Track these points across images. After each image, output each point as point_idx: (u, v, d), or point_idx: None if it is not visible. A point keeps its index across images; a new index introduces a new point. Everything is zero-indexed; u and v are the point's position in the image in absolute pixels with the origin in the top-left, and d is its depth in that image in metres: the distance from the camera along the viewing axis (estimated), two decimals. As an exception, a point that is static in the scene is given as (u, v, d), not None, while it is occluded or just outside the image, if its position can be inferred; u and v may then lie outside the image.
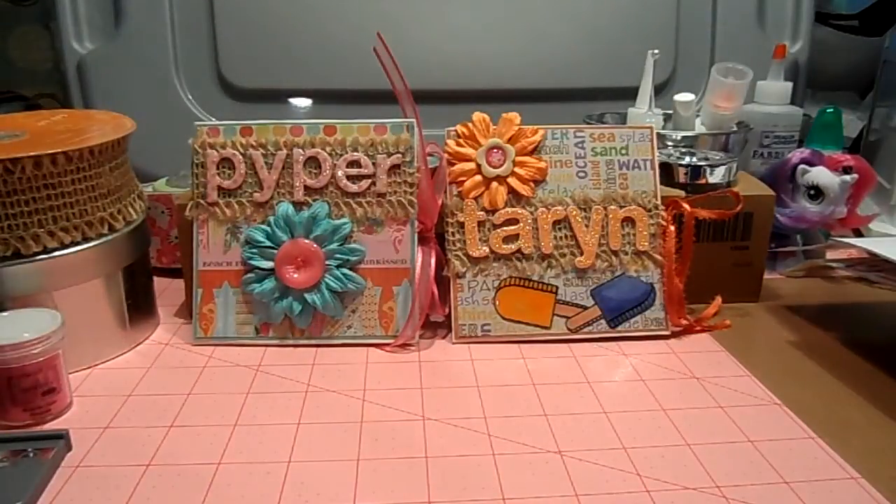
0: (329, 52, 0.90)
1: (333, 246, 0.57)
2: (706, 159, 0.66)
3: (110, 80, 0.89)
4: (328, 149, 0.57)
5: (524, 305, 0.58)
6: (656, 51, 0.75)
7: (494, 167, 0.59)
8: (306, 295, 0.56)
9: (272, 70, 0.90)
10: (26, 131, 0.55)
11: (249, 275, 0.57)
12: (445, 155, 0.59)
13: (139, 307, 0.57)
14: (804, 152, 0.72)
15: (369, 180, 0.57)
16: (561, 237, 0.59)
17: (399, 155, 0.57)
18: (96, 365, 0.54)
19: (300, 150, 0.57)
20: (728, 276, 0.65)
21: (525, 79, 0.92)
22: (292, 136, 0.58)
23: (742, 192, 0.61)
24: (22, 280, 0.49)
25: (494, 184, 0.59)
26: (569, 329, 0.58)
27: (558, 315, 0.58)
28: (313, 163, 0.57)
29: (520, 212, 0.59)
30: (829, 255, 0.76)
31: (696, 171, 0.65)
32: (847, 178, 0.69)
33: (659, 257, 0.59)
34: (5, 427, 0.46)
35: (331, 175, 0.57)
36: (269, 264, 0.56)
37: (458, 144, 0.60)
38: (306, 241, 0.56)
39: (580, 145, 0.60)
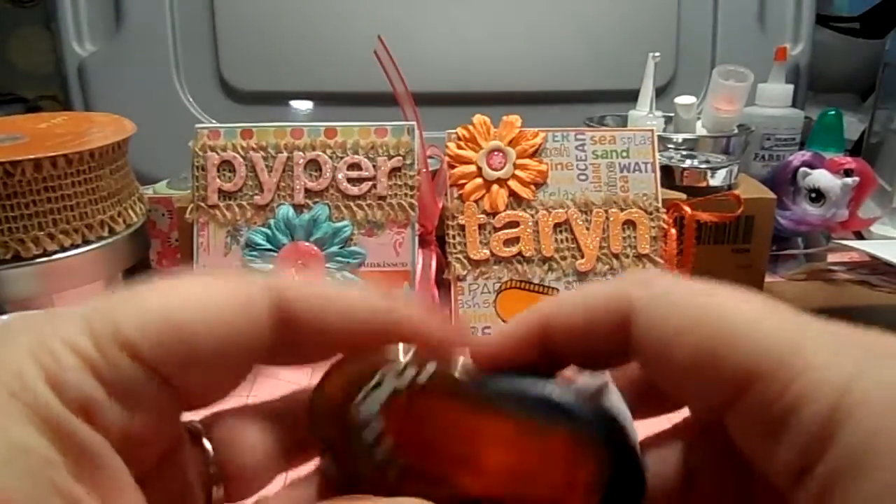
0: (330, 54, 0.90)
1: (334, 249, 0.57)
2: (707, 162, 0.66)
3: (111, 82, 0.89)
4: (328, 151, 0.57)
5: (525, 308, 0.58)
6: (657, 54, 0.75)
7: (495, 170, 0.59)
8: (306, 298, 0.56)
9: (273, 72, 0.90)
10: (26, 134, 0.55)
11: (250, 277, 0.57)
12: (446, 158, 0.59)
13: (139, 310, 0.57)
14: (805, 155, 0.72)
15: (370, 183, 0.57)
16: (562, 240, 0.59)
17: (400, 158, 0.57)
18: (96, 368, 0.54)
19: (300, 153, 0.57)
20: (729, 278, 0.64)
21: (526, 81, 0.92)
22: (293, 138, 0.58)
23: (743, 194, 0.61)
24: (22, 283, 0.49)
25: (495, 186, 0.59)
26: (569, 332, 0.58)
27: (559, 318, 0.58)
28: (314, 165, 0.57)
29: (520, 214, 0.59)
30: (831, 257, 0.76)
31: (696, 174, 0.65)
32: (848, 180, 0.69)
33: (660, 260, 0.59)
34: (5, 430, 0.46)
35: (331, 178, 0.57)
36: (269, 267, 0.56)
37: (459, 147, 0.59)
38: (306, 243, 0.56)
39: (581, 148, 0.60)
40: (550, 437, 0.17)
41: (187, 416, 0.19)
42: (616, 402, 0.19)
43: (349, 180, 0.57)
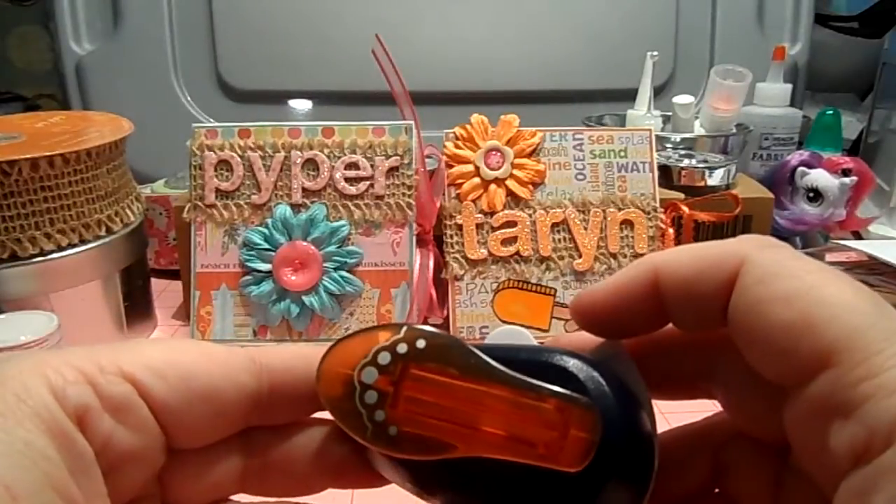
0: (328, 53, 0.90)
1: (331, 248, 0.56)
2: (705, 161, 0.66)
3: (109, 81, 0.89)
4: (326, 151, 0.57)
5: (522, 308, 0.58)
6: (655, 53, 0.75)
7: (493, 169, 0.59)
8: (304, 297, 0.56)
9: (271, 72, 0.90)
10: (23, 133, 0.54)
11: (247, 277, 0.57)
12: (444, 157, 0.59)
13: (136, 309, 0.57)
14: (803, 154, 0.72)
15: (367, 182, 0.57)
16: (559, 240, 0.59)
17: (397, 157, 0.57)
18: (93, 367, 0.54)
19: (298, 153, 0.57)
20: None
21: (524, 81, 0.92)
22: (290, 138, 0.58)
23: (741, 194, 0.61)
24: (19, 282, 0.49)
25: (493, 186, 0.59)
26: (567, 332, 0.58)
27: (557, 318, 0.58)
28: (311, 165, 0.57)
29: (518, 214, 0.58)
30: (829, 257, 0.76)
31: (694, 174, 0.65)
32: (846, 180, 0.69)
33: (657, 260, 0.58)
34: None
35: (329, 177, 0.57)
36: (266, 266, 0.56)
37: (457, 146, 0.59)
38: (304, 243, 0.56)
39: (579, 147, 0.60)
40: (545, 398, 0.18)
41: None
42: (626, 371, 0.19)
43: (347, 180, 0.57)
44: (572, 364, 0.19)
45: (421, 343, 0.19)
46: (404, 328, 0.19)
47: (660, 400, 0.21)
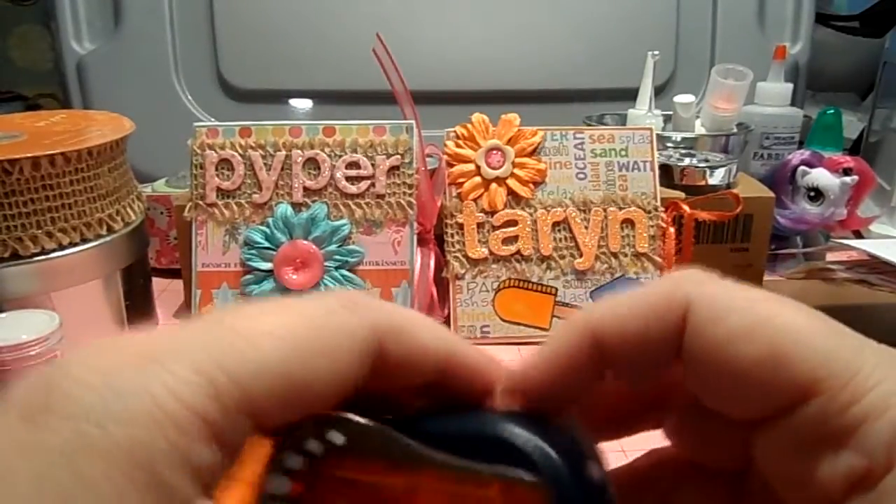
0: (329, 52, 0.90)
1: (332, 247, 0.56)
2: (706, 161, 0.66)
3: (110, 80, 0.89)
4: (327, 150, 0.57)
5: (523, 307, 0.58)
6: (656, 52, 0.75)
7: (494, 168, 0.59)
8: (305, 296, 0.56)
9: (272, 71, 0.90)
10: (25, 132, 0.54)
11: (248, 276, 0.57)
12: (444, 156, 0.59)
13: (138, 308, 0.57)
14: (804, 154, 0.72)
15: (368, 181, 0.57)
16: (560, 239, 0.59)
17: (398, 156, 0.57)
18: (94, 366, 0.54)
19: (299, 152, 0.57)
20: (728, 277, 0.65)
21: (525, 80, 0.92)
22: (291, 137, 0.58)
23: (742, 193, 0.61)
24: (20, 281, 0.49)
25: (494, 185, 0.59)
26: (568, 331, 0.58)
27: (558, 317, 0.58)
28: (312, 164, 0.57)
29: (519, 213, 0.58)
30: (829, 256, 0.76)
31: (695, 173, 0.65)
32: (847, 179, 0.69)
33: (658, 259, 0.59)
34: (3, 429, 0.45)
35: (330, 176, 0.57)
36: (267, 266, 0.56)
37: (458, 146, 0.59)
38: (305, 242, 0.56)
39: (580, 147, 0.60)
40: (487, 482, 0.16)
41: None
42: (571, 426, 0.18)
43: (348, 179, 0.57)
44: (514, 433, 0.16)
45: (335, 437, 0.16)
46: (311, 421, 0.16)
47: (604, 441, 0.20)
